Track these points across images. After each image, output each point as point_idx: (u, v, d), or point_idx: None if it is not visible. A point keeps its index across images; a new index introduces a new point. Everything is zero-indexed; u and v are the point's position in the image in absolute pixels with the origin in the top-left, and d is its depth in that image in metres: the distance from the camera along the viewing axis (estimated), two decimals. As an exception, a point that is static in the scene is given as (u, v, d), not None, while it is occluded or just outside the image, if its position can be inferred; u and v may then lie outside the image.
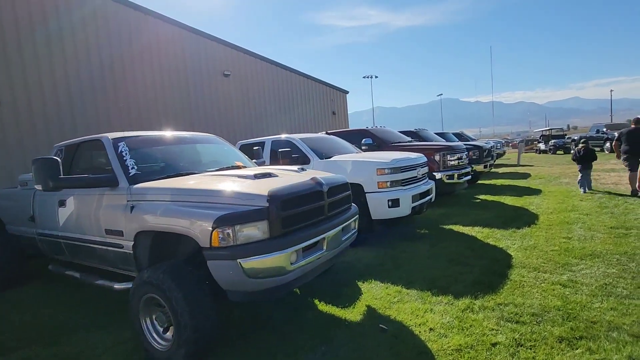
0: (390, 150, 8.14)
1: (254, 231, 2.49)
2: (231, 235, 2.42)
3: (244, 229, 2.46)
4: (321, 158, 5.90)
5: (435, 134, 14.96)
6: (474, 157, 10.28)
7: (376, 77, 65.17)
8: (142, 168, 3.21)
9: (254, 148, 5.24)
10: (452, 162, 7.89)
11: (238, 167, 3.85)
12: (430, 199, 6.14)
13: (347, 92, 21.44)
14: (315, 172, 3.51)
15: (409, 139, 9.48)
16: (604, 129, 23.99)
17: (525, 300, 3.31)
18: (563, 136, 27.17)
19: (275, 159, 5.94)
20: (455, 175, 7.77)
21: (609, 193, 8.20)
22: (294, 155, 5.91)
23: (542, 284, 3.64)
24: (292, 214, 2.67)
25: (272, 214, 2.51)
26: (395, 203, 5.13)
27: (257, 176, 2.96)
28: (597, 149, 25.47)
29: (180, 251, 3.00)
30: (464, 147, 8.67)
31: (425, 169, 6.18)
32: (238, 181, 2.88)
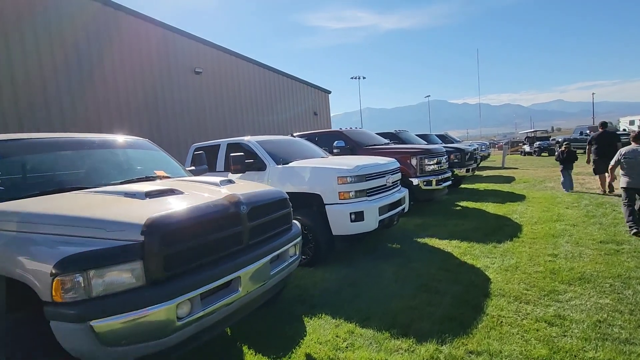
0: (365, 154, 7.49)
1: (121, 277, 1.76)
2: (83, 284, 1.68)
3: (105, 274, 1.73)
4: (279, 164, 5.18)
5: (418, 135, 14.41)
6: (456, 160, 9.71)
7: (364, 77, 64.84)
8: (3, 182, 2.43)
9: (195, 153, 4.48)
10: (431, 167, 7.27)
11: (155, 178, 3.09)
12: (403, 209, 5.48)
13: (329, 92, 20.79)
14: (243, 186, 2.79)
15: (387, 141, 8.84)
16: (587, 131, 23.96)
17: (503, 347, 2.65)
18: (547, 138, 27.09)
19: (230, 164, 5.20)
20: (434, 182, 7.14)
21: (591, 193, 7.72)
22: (247, 161, 5.17)
23: (524, 321, 2.99)
24: (184, 248, 1.95)
25: (150, 250, 1.79)
26: (359, 216, 4.44)
27: (151, 194, 2.22)
28: (580, 150, 25.54)
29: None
30: (444, 150, 8.06)
31: (397, 176, 5.52)
32: (118, 202, 2.13)
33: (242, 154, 5.13)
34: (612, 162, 6.00)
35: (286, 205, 2.89)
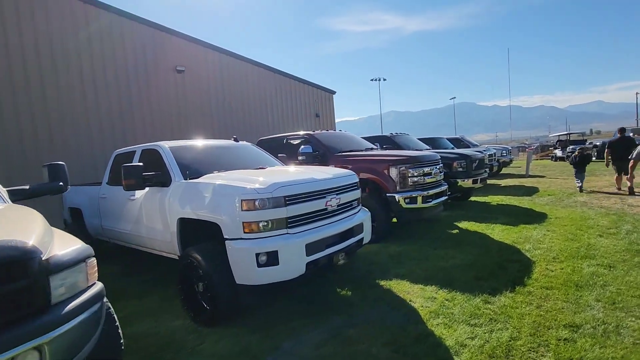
0: (336, 162, 6.04)
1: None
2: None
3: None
4: (188, 178, 3.84)
5: (424, 139, 12.74)
6: (460, 169, 8.01)
7: (384, 79, 63.13)
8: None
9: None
10: (417, 179, 5.69)
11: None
12: (359, 241, 3.98)
13: (333, 93, 19.34)
14: None
15: (372, 146, 7.31)
16: (631, 134, 21.12)
17: None
18: (584, 141, 24.26)
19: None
20: (419, 198, 5.56)
21: (634, 214, 5.84)
22: (148, 173, 3.88)
23: None
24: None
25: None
26: (271, 258, 3.02)
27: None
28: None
29: None
30: (438, 157, 6.42)
31: (352, 195, 4.03)
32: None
33: (139, 164, 3.85)
34: (631, 164, 6.48)
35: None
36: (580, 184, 9.76)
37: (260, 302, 3.75)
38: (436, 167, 6.12)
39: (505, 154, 15.69)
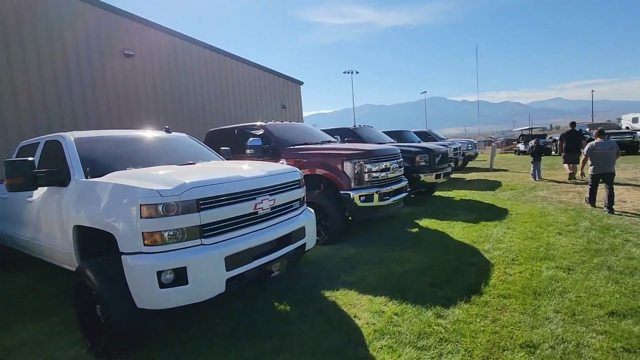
0: (289, 155, 5.50)
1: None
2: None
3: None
4: (89, 176, 3.15)
5: (392, 131, 12.44)
6: (423, 163, 7.70)
7: (357, 72, 62.90)
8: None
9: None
10: (374, 175, 5.25)
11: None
12: (300, 248, 3.47)
13: (301, 83, 18.68)
14: None
15: (330, 139, 6.81)
16: (587, 129, 22.05)
17: None
18: (544, 136, 25.09)
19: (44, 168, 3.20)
20: (376, 195, 5.14)
21: (591, 209, 5.73)
22: (40, 170, 3.15)
23: None
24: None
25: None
26: (179, 276, 2.44)
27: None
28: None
29: None
30: (398, 151, 6.02)
31: (292, 194, 3.50)
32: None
33: (27, 159, 3.12)
34: (584, 154, 7.23)
35: None
36: (535, 172, 11.26)
37: (174, 324, 3.17)
38: (395, 162, 5.72)
39: (470, 148, 15.76)
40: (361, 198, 5.03)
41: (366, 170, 5.14)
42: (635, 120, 24.45)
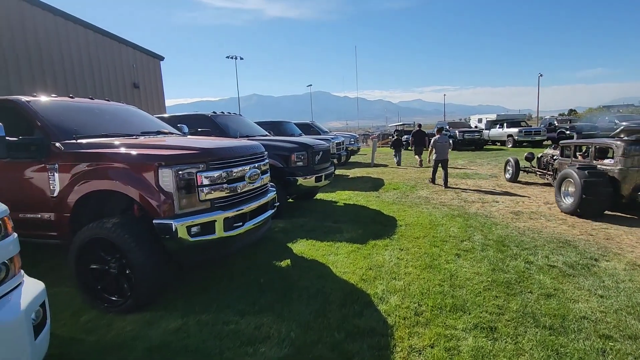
0: (66, 157, 3.00)
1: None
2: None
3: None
4: None
5: (269, 122, 10.62)
6: (299, 163, 6.08)
7: (241, 58, 59.20)
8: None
9: None
10: (219, 188, 3.24)
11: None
12: None
13: (161, 59, 15.15)
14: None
15: (172, 131, 4.46)
16: (447, 127, 24.66)
17: None
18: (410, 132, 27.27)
19: None
20: (221, 223, 3.15)
21: (480, 215, 5.07)
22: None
23: None
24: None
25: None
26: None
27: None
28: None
29: None
30: (259, 150, 4.10)
31: None
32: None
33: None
34: (430, 147, 9.64)
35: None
36: (398, 160, 14.62)
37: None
38: (256, 166, 3.83)
39: (353, 142, 15.25)
40: (192, 230, 2.98)
41: (201, 183, 3.10)
42: (479, 120, 28.79)
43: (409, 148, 16.21)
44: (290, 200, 7.61)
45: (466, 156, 17.60)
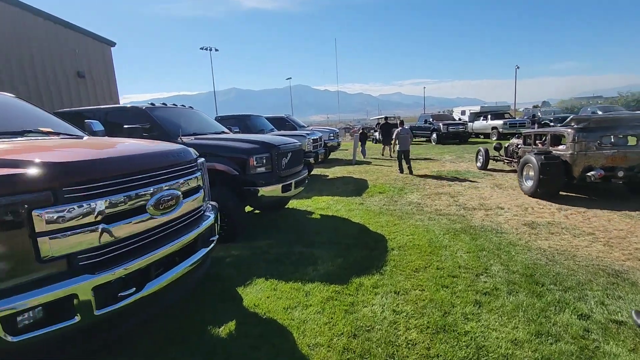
0: None
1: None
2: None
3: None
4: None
5: (236, 116, 9.16)
6: (260, 169, 4.67)
7: (216, 50, 56.89)
8: None
9: None
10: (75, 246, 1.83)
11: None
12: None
13: (112, 45, 13.24)
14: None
15: (68, 127, 2.97)
16: (431, 119, 23.66)
17: None
18: (396, 125, 26.17)
19: None
20: (86, 297, 1.75)
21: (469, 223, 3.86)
22: None
23: None
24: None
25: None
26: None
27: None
28: (422, 139, 25.45)
29: None
30: (179, 158, 2.66)
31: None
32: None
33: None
34: (393, 138, 10.84)
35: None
36: (362, 150, 14.90)
37: None
38: (172, 185, 2.41)
39: (332, 138, 13.89)
40: (18, 323, 1.56)
41: (45, 226, 1.68)
42: (463, 112, 28.08)
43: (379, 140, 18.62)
44: (256, 211, 6.22)
45: (452, 150, 16.61)
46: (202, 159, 3.14)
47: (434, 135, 21.82)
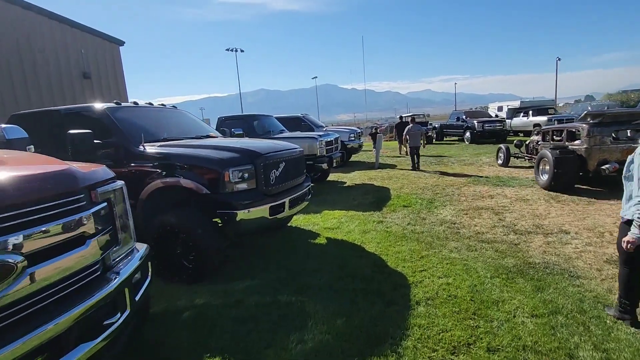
0: None
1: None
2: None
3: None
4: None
5: (241, 116, 8.19)
6: (242, 185, 3.53)
7: (242, 51, 57.11)
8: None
9: None
10: None
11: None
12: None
13: (121, 44, 12.70)
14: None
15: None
16: (464, 117, 21.71)
17: None
18: (426, 123, 24.43)
19: None
20: None
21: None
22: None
23: None
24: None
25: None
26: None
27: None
28: (454, 138, 23.46)
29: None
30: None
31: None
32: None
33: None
34: (404, 135, 10.77)
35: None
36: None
37: None
38: (13, 243, 1.32)
39: (353, 138, 12.57)
40: None
41: None
42: (500, 108, 25.74)
43: (394, 139, 18.46)
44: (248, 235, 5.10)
45: (490, 151, 14.77)
46: (120, 183, 2.05)
47: (467, 134, 19.93)
